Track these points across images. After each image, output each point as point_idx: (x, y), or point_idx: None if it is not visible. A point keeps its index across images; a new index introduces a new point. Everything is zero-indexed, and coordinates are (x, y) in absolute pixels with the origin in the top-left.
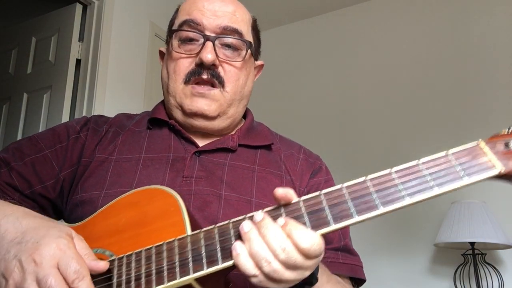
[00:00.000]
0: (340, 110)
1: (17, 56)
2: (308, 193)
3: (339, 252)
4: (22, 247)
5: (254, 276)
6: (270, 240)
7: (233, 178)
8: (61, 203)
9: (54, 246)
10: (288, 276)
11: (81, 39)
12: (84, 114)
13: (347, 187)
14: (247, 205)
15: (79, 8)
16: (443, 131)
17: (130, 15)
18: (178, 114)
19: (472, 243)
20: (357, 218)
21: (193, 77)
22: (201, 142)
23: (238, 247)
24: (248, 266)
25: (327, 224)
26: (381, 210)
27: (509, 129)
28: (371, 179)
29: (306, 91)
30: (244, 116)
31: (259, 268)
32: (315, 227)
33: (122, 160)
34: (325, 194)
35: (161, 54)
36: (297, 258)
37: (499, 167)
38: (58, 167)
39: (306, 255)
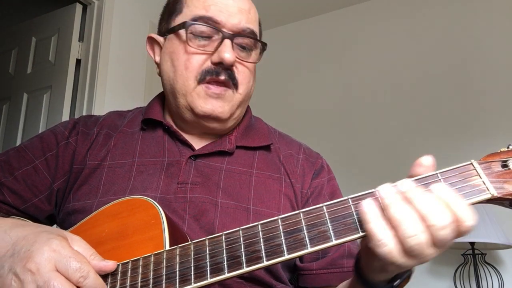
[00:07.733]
0: (340, 109)
1: (17, 56)
2: (312, 194)
3: (344, 259)
4: (15, 258)
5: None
6: (421, 205)
7: (230, 184)
8: (56, 212)
9: (47, 249)
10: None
11: (81, 39)
12: (84, 114)
13: (282, 219)
14: (244, 213)
15: (79, 8)
16: (442, 129)
17: (130, 15)
18: (187, 115)
19: (472, 243)
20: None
21: (209, 76)
22: (197, 144)
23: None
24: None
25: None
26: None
27: (508, 147)
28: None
29: (306, 90)
30: None
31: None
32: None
33: (115, 165)
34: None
35: (151, 42)
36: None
37: (492, 191)
38: (50, 177)
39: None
